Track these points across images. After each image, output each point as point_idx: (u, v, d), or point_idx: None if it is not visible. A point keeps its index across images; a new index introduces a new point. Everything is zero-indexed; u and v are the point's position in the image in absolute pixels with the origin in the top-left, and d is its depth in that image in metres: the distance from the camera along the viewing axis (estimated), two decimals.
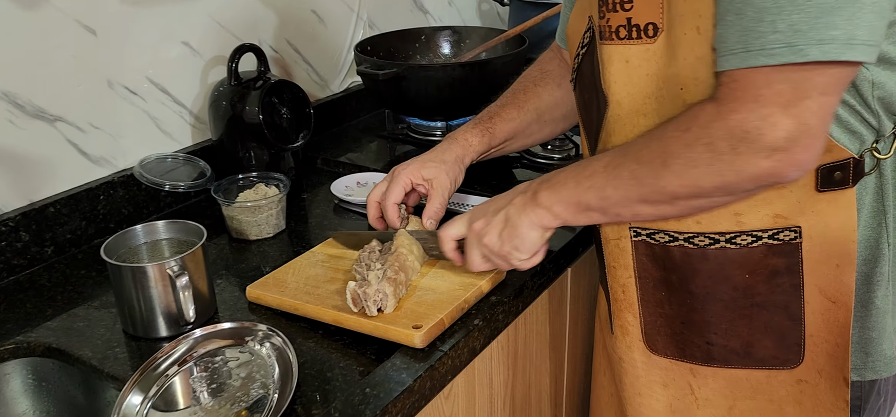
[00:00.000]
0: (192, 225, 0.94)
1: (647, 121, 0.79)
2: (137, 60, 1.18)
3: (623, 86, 0.79)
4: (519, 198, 0.84)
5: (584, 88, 0.89)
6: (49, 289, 1.01)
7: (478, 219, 0.87)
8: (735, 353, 0.83)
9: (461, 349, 0.84)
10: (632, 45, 0.77)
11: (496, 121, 1.05)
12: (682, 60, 0.73)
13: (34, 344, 0.90)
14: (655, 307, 0.86)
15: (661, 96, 0.77)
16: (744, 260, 0.78)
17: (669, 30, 0.74)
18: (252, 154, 1.22)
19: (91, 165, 1.14)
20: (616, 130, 0.82)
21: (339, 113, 1.58)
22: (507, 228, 0.84)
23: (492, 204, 0.87)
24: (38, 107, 1.06)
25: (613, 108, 0.81)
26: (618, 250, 0.87)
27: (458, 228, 0.90)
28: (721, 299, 0.81)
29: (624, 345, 0.91)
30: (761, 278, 0.78)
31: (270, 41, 1.40)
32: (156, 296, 0.87)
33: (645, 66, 0.77)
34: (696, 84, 0.73)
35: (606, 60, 0.80)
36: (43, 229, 1.07)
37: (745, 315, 0.80)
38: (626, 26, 0.76)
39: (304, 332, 0.89)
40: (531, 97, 1.06)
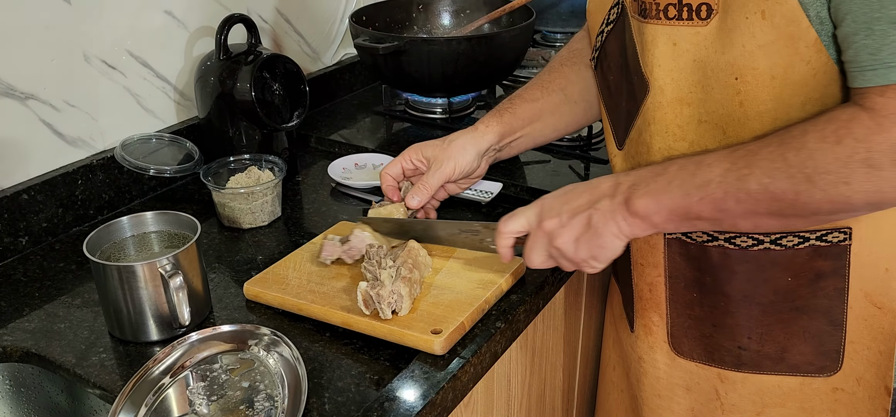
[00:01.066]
0: (185, 218, 0.86)
1: (690, 111, 0.73)
2: (116, 31, 1.08)
3: (668, 71, 0.73)
4: (605, 203, 0.73)
5: (610, 70, 0.83)
6: (25, 285, 0.92)
7: (550, 218, 0.77)
8: (768, 358, 0.79)
9: (483, 354, 0.78)
10: (681, 26, 0.71)
11: (517, 102, 0.97)
12: (739, 47, 0.67)
13: (11, 349, 0.82)
14: (684, 308, 0.82)
15: (708, 85, 0.71)
16: (788, 261, 0.74)
17: (726, 12, 0.67)
18: (242, 134, 1.13)
19: (67, 147, 1.05)
20: (656, 118, 0.76)
21: (332, 87, 1.49)
22: (588, 234, 0.74)
23: (567, 202, 0.76)
24: (6, 83, 0.96)
25: (655, 95, 0.75)
26: (648, 247, 0.83)
27: (521, 223, 0.80)
28: (758, 302, 0.77)
29: (646, 345, 0.86)
30: (804, 281, 0.74)
31: (260, 11, 1.31)
32: (146, 298, 0.79)
33: (693, 51, 0.71)
34: (754, 74, 0.67)
35: (650, 42, 0.73)
36: (16, 218, 0.98)
37: (782, 319, 0.76)
38: (676, 5, 0.70)
39: (309, 334, 0.82)
40: (557, 77, 0.98)
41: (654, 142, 0.77)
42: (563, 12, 1.70)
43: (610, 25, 0.81)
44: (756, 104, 0.69)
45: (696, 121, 0.74)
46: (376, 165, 1.20)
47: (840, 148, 0.61)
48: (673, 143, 0.76)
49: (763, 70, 0.67)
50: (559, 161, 1.19)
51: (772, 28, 0.65)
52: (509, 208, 0.84)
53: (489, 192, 1.08)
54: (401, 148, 1.25)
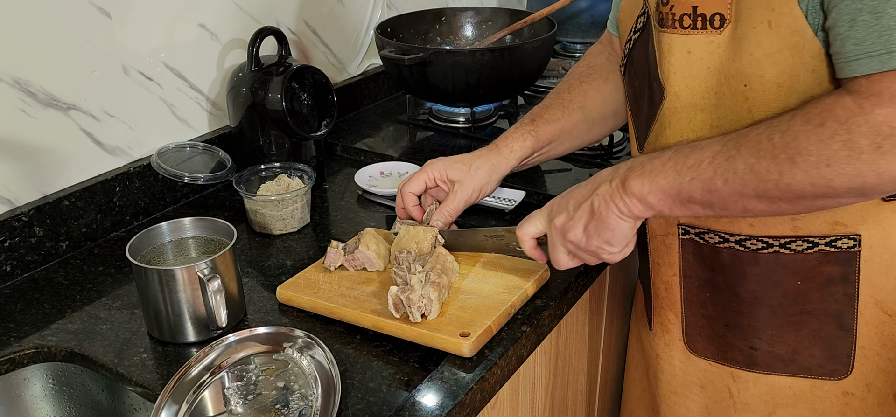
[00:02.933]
0: (222, 224, 0.89)
1: (703, 117, 0.75)
2: (153, 44, 1.12)
3: (682, 78, 0.75)
4: (604, 188, 0.76)
5: (636, 76, 0.85)
6: (67, 288, 0.96)
7: (558, 215, 0.80)
8: (780, 360, 0.80)
9: (510, 357, 0.80)
10: (695, 35, 0.73)
11: (539, 123, 0.99)
12: (747, 56, 0.69)
13: (55, 349, 0.86)
14: (698, 307, 0.84)
15: (721, 91, 0.73)
16: (797, 266, 0.75)
17: (737, 22, 0.70)
18: (272, 142, 1.17)
19: (106, 155, 1.09)
20: (671, 123, 0.78)
21: (357, 97, 1.52)
22: (594, 221, 0.77)
23: (571, 196, 0.80)
24: (50, 94, 1.00)
25: (670, 100, 0.77)
26: (664, 247, 0.85)
27: (537, 225, 0.84)
28: (769, 304, 0.78)
29: (662, 343, 0.88)
30: (814, 285, 0.76)
31: (288, 23, 1.34)
32: (184, 300, 0.83)
33: (707, 59, 0.73)
34: (761, 82, 0.69)
35: (666, 49, 0.76)
36: (57, 223, 1.02)
37: (793, 322, 0.78)
38: (691, 15, 0.73)
39: (340, 336, 0.84)
40: (577, 95, 1.00)
41: (669, 145, 0.79)
42: (583, 23, 1.73)
43: (637, 33, 0.84)
44: (764, 111, 0.70)
45: (708, 126, 0.75)
46: (402, 173, 1.23)
47: (823, 129, 0.62)
48: None
49: (770, 78, 0.69)
50: (580, 169, 1.21)
51: (777, 37, 0.67)
52: None
53: (512, 200, 1.11)
54: (425, 156, 1.28)
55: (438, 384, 0.75)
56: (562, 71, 1.59)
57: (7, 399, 0.86)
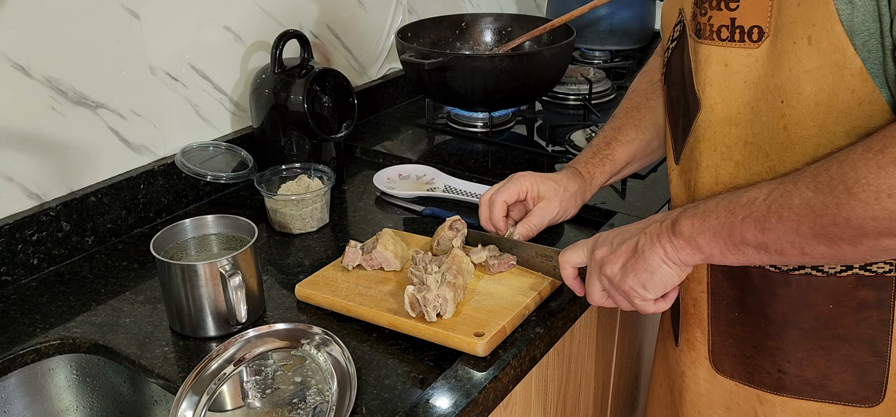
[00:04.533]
0: (243, 222, 0.91)
1: (738, 131, 0.74)
2: (179, 46, 1.15)
3: (718, 91, 0.74)
4: (653, 227, 0.74)
5: (673, 86, 0.83)
6: (92, 281, 0.99)
7: (601, 247, 0.79)
8: (809, 384, 0.78)
9: (523, 358, 0.81)
10: (733, 47, 0.71)
11: (615, 146, 0.98)
12: (786, 71, 0.67)
13: (80, 341, 0.88)
14: (726, 326, 0.81)
15: (757, 107, 0.71)
16: (830, 289, 0.73)
17: (776, 36, 0.68)
18: (293, 143, 1.19)
19: (132, 153, 1.11)
20: (705, 136, 0.77)
21: (377, 100, 1.54)
22: (634, 259, 0.75)
23: (620, 231, 0.78)
24: (80, 93, 1.03)
25: (705, 113, 0.76)
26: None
27: (579, 255, 0.82)
28: (799, 327, 0.76)
29: (688, 360, 0.87)
30: (847, 309, 0.73)
31: (311, 26, 1.37)
32: (206, 296, 0.85)
33: (743, 73, 0.71)
34: (798, 98, 0.67)
35: (703, 61, 0.74)
36: (84, 218, 1.04)
37: (824, 346, 0.75)
38: (729, 27, 0.71)
39: (357, 334, 0.86)
40: (647, 113, 0.98)
41: (702, 159, 0.78)
42: (601, 31, 1.74)
43: (674, 43, 0.82)
44: (800, 129, 0.68)
45: (742, 141, 0.74)
46: (419, 176, 1.24)
47: (882, 156, 0.58)
48: (720, 162, 0.76)
49: (808, 95, 0.67)
50: None
51: (818, 54, 0.65)
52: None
53: None
54: (443, 160, 1.30)
55: (452, 382, 0.76)
56: (580, 77, 1.60)
57: (32, 389, 0.89)
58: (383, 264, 0.93)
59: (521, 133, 1.44)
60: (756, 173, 0.73)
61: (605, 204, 1.12)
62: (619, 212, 1.09)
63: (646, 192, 1.17)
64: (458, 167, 1.27)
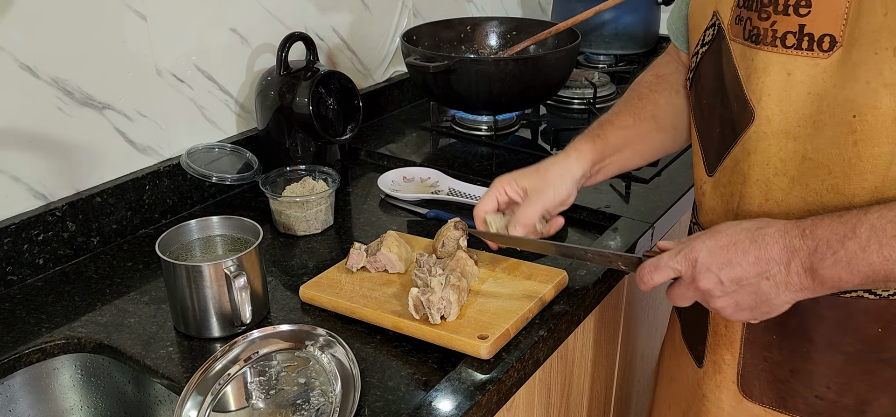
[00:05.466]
0: (248, 223, 0.91)
1: (796, 146, 0.70)
2: (185, 47, 1.15)
3: (777, 101, 0.70)
4: (778, 272, 0.66)
5: (704, 92, 0.80)
6: (97, 281, 0.99)
7: (704, 278, 0.69)
8: (846, 410, 0.75)
9: (526, 361, 0.81)
10: (799, 56, 0.68)
11: (608, 128, 0.92)
12: (862, 83, 0.64)
13: (85, 340, 0.88)
14: (761, 349, 0.78)
15: (821, 121, 0.68)
16: (880, 311, 0.70)
17: (852, 46, 0.65)
18: (298, 145, 1.19)
19: (137, 154, 1.12)
20: (758, 149, 0.73)
21: (382, 103, 1.54)
22: (757, 301, 0.68)
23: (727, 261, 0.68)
24: (87, 94, 1.04)
25: (760, 124, 0.72)
26: None
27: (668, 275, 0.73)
28: (843, 351, 0.73)
29: (713, 383, 0.84)
30: (895, 333, 0.71)
31: (317, 29, 1.37)
32: (211, 296, 0.85)
33: (809, 83, 0.68)
34: (874, 113, 0.64)
35: (761, 69, 0.71)
36: (89, 219, 1.05)
37: (867, 370, 0.73)
38: (796, 34, 0.68)
39: (361, 336, 0.86)
40: (647, 103, 0.93)
41: (752, 173, 0.74)
42: (606, 35, 1.74)
43: (705, 47, 0.79)
44: (871, 147, 0.65)
45: (800, 157, 0.70)
46: (424, 179, 1.25)
47: None
48: (772, 176, 0.73)
49: (886, 111, 0.63)
50: None
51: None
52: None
53: None
54: (447, 163, 1.30)
55: (456, 384, 0.76)
56: (584, 81, 1.60)
57: (37, 388, 0.89)
58: (387, 266, 0.93)
59: (525, 136, 1.44)
60: (814, 191, 0.70)
61: (609, 207, 1.12)
62: (623, 216, 1.09)
63: (649, 196, 1.17)
64: (463, 170, 1.27)
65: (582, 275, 0.94)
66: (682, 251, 0.72)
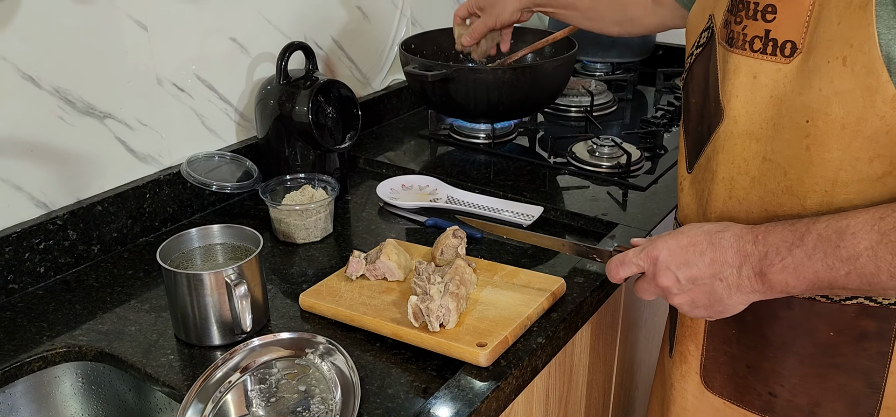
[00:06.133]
0: (249, 232, 0.92)
1: (758, 147, 0.72)
2: (185, 56, 1.16)
3: (744, 103, 0.73)
4: (730, 274, 0.70)
5: (694, 92, 0.82)
6: (97, 290, 1.00)
7: (664, 275, 0.73)
8: (798, 410, 0.77)
9: (525, 368, 0.82)
10: (764, 60, 0.70)
11: None
12: (816, 90, 0.66)
13: (86, 349, 0.89)
14: (722, 343, 0.81)
15: (780, 124, 0.70)
16: (833, 316, 0.72)
17: (809, 53, 0.67)
18: (298, 154, 1.20)
19: (138, 163, 1.12)
20: (725, 148, 0.75)
21: (381, 111, 1.55)
22: (711, 300, 0.72)
23: (685, 261, 0.72)
24: (88, 103, 1.04)
25: (727, 124, 0.74)
26: None
27: (632, 271, 0.78)
28: (797, 352, 0.75)
29: (679, 372, 0.87)
30: (848, 339, 0.73)
31: (316, 38, 1.38)
32: (211, 304, 0.85)
33: (771, 87, 0.70)
34: (825, 119, 0.66)
35: (732, 71, 0.73)
36: (90, 228, 1.05)
37: (819, 373, 0.75)
38: (762, 38, 0.70)
39: (360, 344, 0.87)
40: None
41: (718, 171, 0.77)
42: (603, 43, 1.75)
43: (699, 48, 0.81)
44: (822, 151, 0.67)
45: (761, 157, 0.73)
46: (422, 187, 1.26)
47: None
48: (736, 175, 0.75)
49: (835, 117, 0.65)
50: (597, 187, 1.23)
51: (851, 76, 0.64)
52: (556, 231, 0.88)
53: (530, 216, 1.13)
54: (445, 171, 1.31)
55: (455, 392, 0.77)
56: (581, 89, 1.61)
57: (38, 397, 0.89)
58: (387, 274, 0.94)
59: (523, 144, 1.45)
60: (772, 191, 0.72)
61: (606, 215, 1.13)
62: (620, 224, 1.10)
63: (646, 204, 1.18)
64: (461, 178, 1.28)
65: (580, 283, 0.95)
66: (645, 249, 0.76)
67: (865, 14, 0.63)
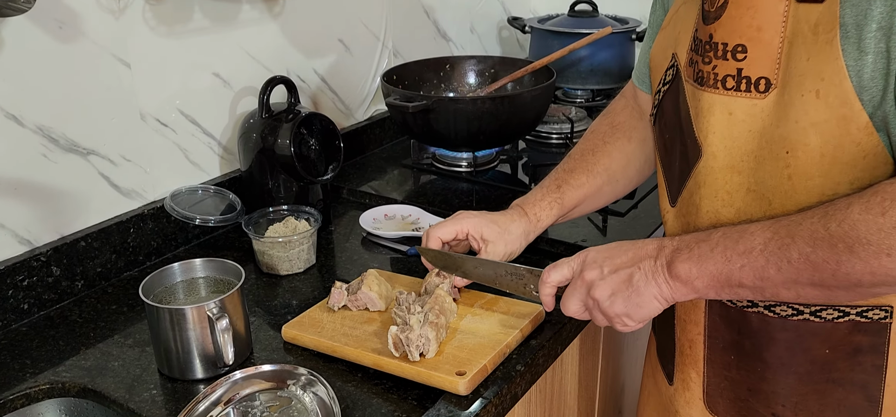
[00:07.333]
0: (231, 265, 0.93)
1: (741, 179, 0.75)
2: (168, 92, 1.18)
3: (721, 139, 0.75)
4: (648, 264, 0.75)
5: (666, 128, 0.85)
6: (81, 325, 1.00)
7: (590, 269, 0.79)
8: None
9: (504, 395, 0.83)
10: (739, 97, 0.73)
11: (565, 189, 0.99)
12: (792, 123, 0.69)
13: (69, 385, 0.89)
14: (721, 369, 0.83)
15: (761, 156, 0.73)
16: (827, 334, 0.74)
17: (784, 87, 0.70)
18: (281, 186, 1.22)
19: (121, 198, 1.13)
20: (707, 182, 0.78)
21: (363, 141, 1.57)
22: (628, 291, 0.76)
23: (609, 257, 0.79)
24: (71, 140, 1.05)
25: (707, 160, 0.77)
26: (691, 305, 0.84)
27: (564, 273, 0.83)
28: (795, 371, 0.77)
29: (683, 400, 0.88)
30: (842, 354, 0.75)
31: (298, 71, 1.40)
32: (194, 338, 0.86)
33: (749, 122, 0.73)
34: (805, 150, 0.69)
35: (706, 109, 0.76)
36: (74, 263, 1.06)
37: (818, 390, 0.77)
38: (735, 76, 0.73)
39: (342, 374, 0.88)
40: (601, 157, 1.00)
41: (702, 205, 0.79)
42: (582, 71, 1.78)
43: (666, 86, 0.84)
44: (804, 180, 0.70)
45: (744, 189, 0.75)
46: (405, 216, 1.27)
47: (884, 219, 0.61)
48: (720, 208, 0.77)
49: (814, 147, 0.68)
50: None
51: (825, 107, 0.66)
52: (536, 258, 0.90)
53: None
54: (428, 200, 1.33)
55: None
56: (562, 116, 1.64)
57: None
58: (368, 304, 0.95)
59: (505, 172, 1.47)
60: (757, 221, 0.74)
61: (585, 241, 1.15)
62: None
63: (626, 231, 1.20)
64: (444, 206, 1.30)
65: (559, 310, 0.96)
66: (577, 254, 0.83)
67: (832, 49, 0.66)
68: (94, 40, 1.05)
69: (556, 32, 1.76)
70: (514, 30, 1.99)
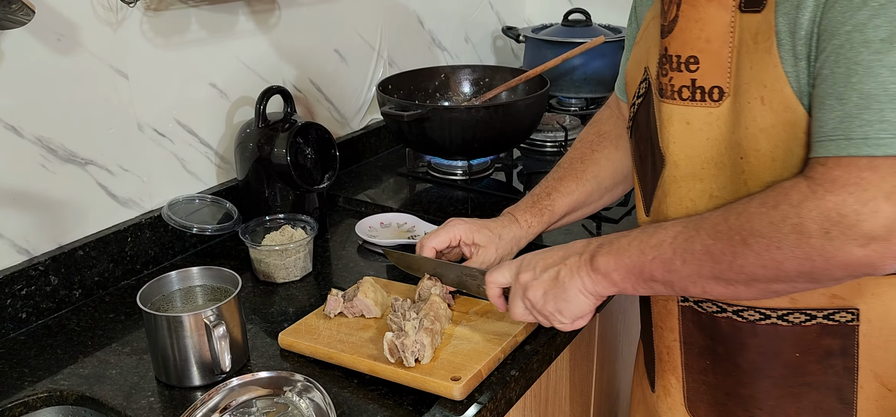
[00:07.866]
0: (227, 273, 0.94)
1: (703, 186, 0.77)
2: (166, 102, 1.19)
3: (682, 148, 0.77)
4: (573, 259, 0.80)
5: (640, 140, 0.87)
6: (79, 334, 1.01)
7: (525, 271, 0.84)
8: None
9: (499, 401, 0.84)
10: (694, 106, 0.75)
11: (555, 197, 1.02)
12: (744, 129, 0.71)
13: (67, 393, 0.90)
14: (699, 374, 0.84)
15: (721, 162, 0.74)
16: (796, 338, 0.75)
17: (735, 95, 0.71)
18: (277, 194, 1.23)
19: (119, 207, 1.14)
20: (671, 191, 0.80)
21: (359, 150, 1.58)
22: (555, 288, 0.81)
23: (542, 257, 0.84)
24: (70, 151, 1.07)
25: (670, 169, 0.79)
26: (665, 312, 0.86)
27: (504, 276, 0.87)
28: (769, 376, 0.78)
29: (665, 405, 0.89)
30: (813, 358, 0.75)
31: (294, 81, 1.41)
32: (191, 346, 0.87)
33: (706, 130, 0.75)
34: (756, 155, 0.71)
35: (666, 119, 0.78)
36: (72, 272, 1.07)
37: (793, 393, 0.77)
38: (689, 87, 0.75)
39: (338, 380, 0.89)
40: (589, 165, 1.02)
41: (669, 213, 0.81)
42: (576, 80, 1.80)
43: (640, 99, 0.86)
44: (759, 184, 0.71)
45: (707, 196, 0.77)
46: (401, 224, 1.28)
47: (775, 212, 0.63)
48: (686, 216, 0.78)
49: (765, 152, 0.70)
50: None
51: (771, 112, 0.68)
52: None
53: None
54: (423, 208, 1.34)
55: None
56: (556, 125, 1.65)
57: None
58: (364, 311, 0.96)
59: (500, 180, 1.48)
60: None
61: None
62: None
63: None
64: (438, 214, 1.31)
65: None
66: (518, 259, 0.87)
67: (771, 56, 0.68)
68: (92, 52, 1.07)
69: (550, 42, 1.78)
70: (508, 39, 2.00)
